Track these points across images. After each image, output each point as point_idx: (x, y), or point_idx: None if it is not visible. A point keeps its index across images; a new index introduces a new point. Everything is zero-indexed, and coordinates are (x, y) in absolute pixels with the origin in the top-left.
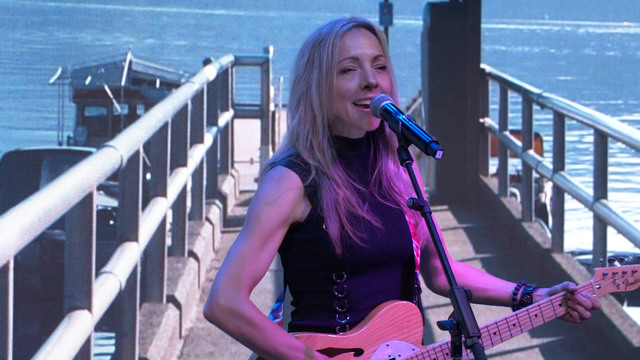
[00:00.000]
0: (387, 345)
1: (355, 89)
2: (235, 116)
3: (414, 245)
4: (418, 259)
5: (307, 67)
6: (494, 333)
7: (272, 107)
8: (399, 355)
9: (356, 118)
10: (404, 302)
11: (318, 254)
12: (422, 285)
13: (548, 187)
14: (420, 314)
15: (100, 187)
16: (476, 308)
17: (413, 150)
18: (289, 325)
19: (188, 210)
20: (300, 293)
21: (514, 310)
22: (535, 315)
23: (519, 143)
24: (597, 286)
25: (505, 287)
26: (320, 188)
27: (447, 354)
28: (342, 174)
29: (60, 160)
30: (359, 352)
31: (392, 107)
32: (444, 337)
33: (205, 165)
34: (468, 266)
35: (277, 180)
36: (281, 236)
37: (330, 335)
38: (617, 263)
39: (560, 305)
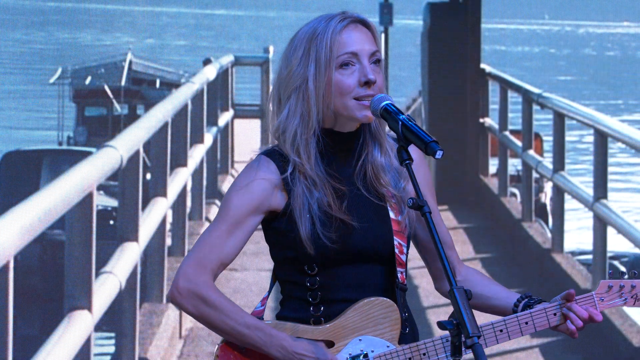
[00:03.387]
0: (360, 340)
1: (355, 85)
2: (235, 116)
3: (395, 243)
4: (402, 257)
5: (302, 60)
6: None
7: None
8: (372, 351)
9: (356, 111)
10: (382, 298)
11: (290, 246)
12: (421, 284)
13: (548, 187)
14: (398, 311)
15: (100, 187)
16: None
17: None
18: (276, 315)
19: (188, 210)
20: (282, 283)
21: None
22: (526, 323)
23: (519, 143)
24: (600, 299)
25: (508, 297)
26: (295, 187)
27: (424, 354)
28: (321, 173)
29: (60, 160)
30: (329, 344)
31: (392, 107)
32: None
33: (205, 165)
34: (477, 272)
35: (253, 169)
36: (253, 224)
37: (300, 325)
38: (626, 276)
39: (554, 314)
